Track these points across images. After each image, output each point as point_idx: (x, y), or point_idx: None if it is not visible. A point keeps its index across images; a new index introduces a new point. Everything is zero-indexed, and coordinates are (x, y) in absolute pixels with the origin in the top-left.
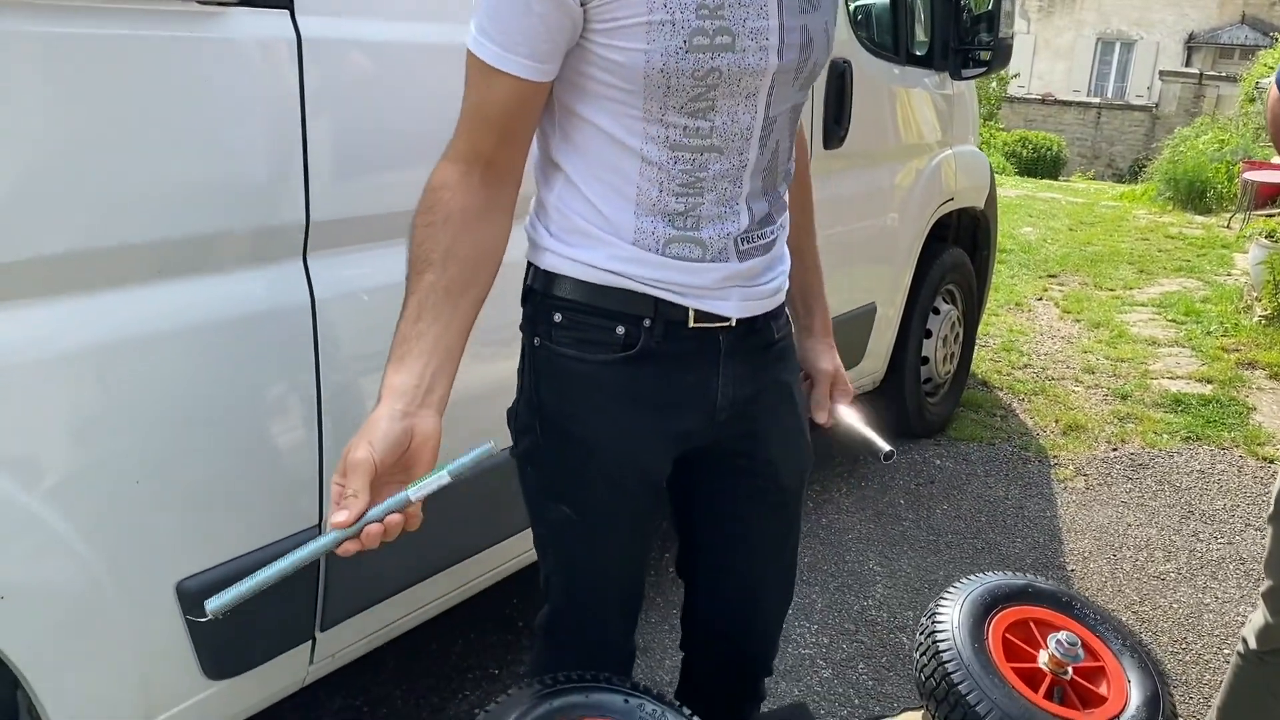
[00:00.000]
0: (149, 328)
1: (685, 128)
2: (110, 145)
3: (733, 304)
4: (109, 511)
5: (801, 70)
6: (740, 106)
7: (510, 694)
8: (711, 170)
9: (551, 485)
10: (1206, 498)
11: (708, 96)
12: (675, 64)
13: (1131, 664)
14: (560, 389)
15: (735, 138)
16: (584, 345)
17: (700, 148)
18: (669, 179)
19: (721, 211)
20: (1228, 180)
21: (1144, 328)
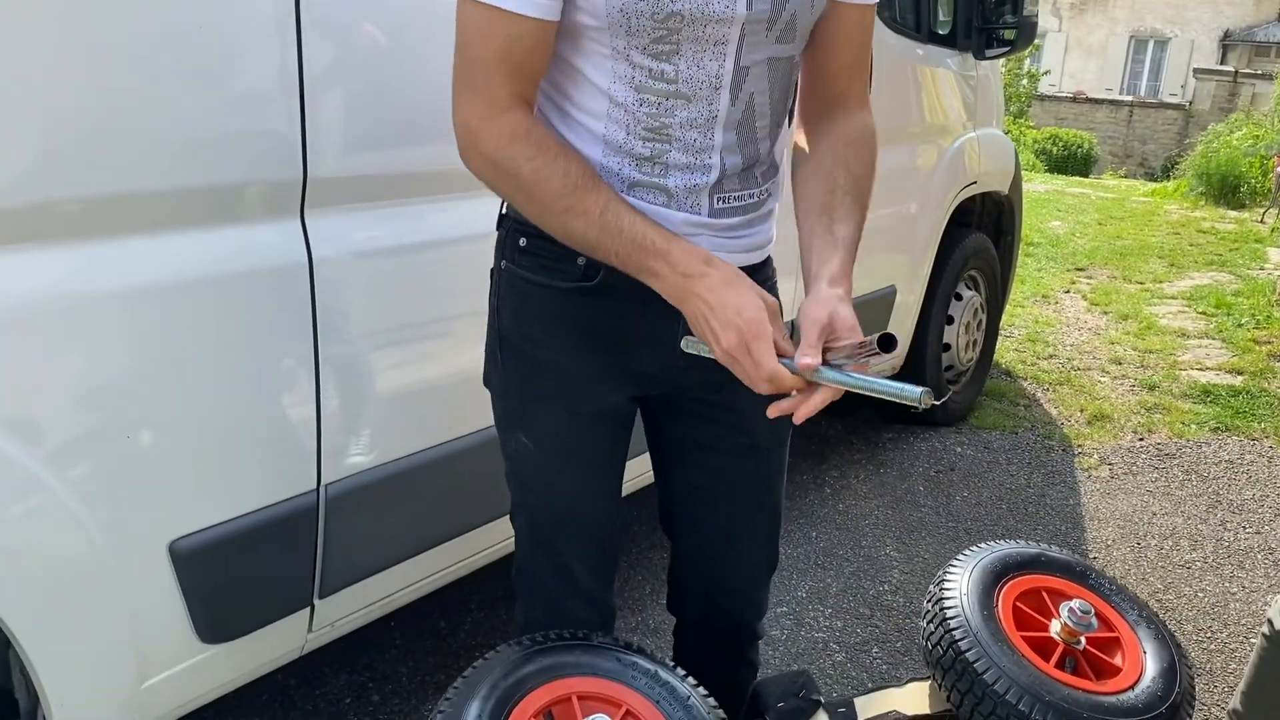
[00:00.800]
0: (142, 281)
1: (650, 70)
2: (104, 97)
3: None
4: (101, 470)
5: (775, 22)
6: (706, 54)
7: (499, 650)
8: (678, 117)
9: (511, 413)
10: (1235, 488)
11: (670, 40)
12: (634, 4)
13: (1147, 635)
14: (519, 312)
15: (702, 85)
16: (546, 271)
17: (665, 93)
18: (635, 122)
19: (690, 162)
20: (1261, 175)
21: (1173, 320)
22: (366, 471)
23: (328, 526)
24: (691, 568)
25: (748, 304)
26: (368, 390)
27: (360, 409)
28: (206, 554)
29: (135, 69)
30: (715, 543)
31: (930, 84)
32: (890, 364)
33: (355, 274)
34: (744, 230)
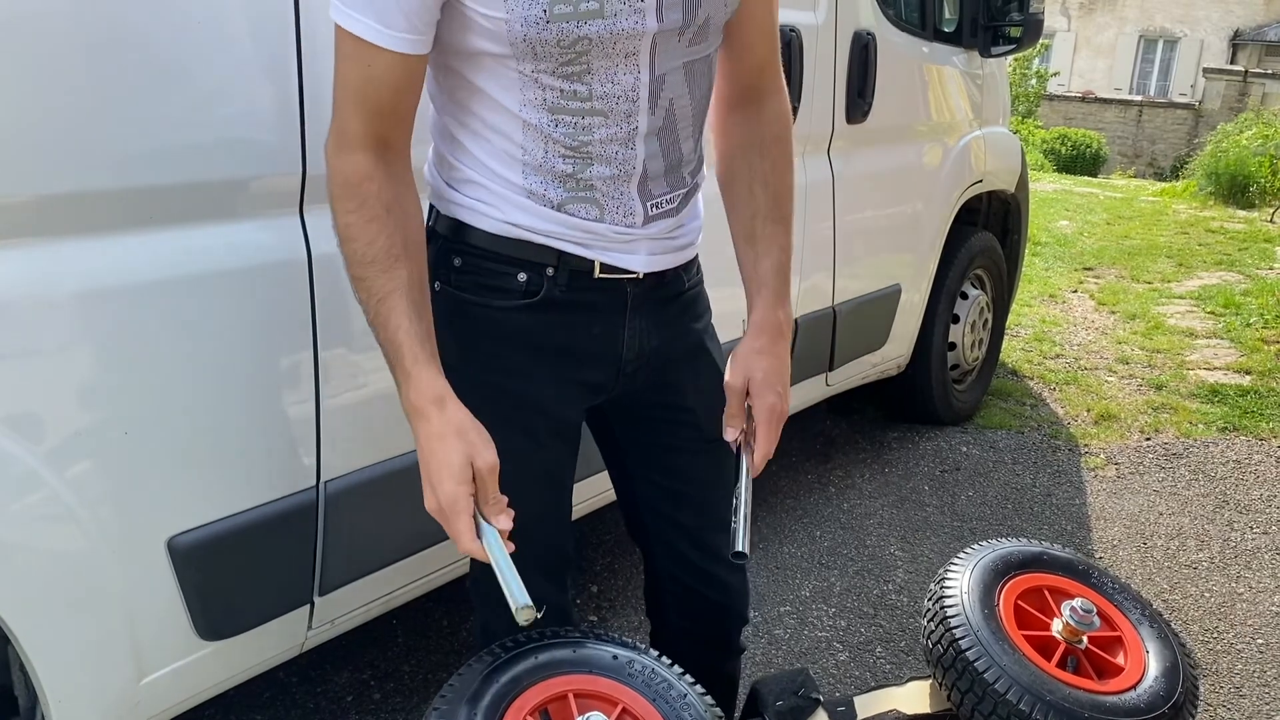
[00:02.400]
0: (141, 276)
1: (562, 90)
2: (105, 92)
3: (640, 258)
4: (100, 466)
5: (687, 28)
6: (619, 68)
7: (493, 649)
8: (597, 135)
9: None
10: (1242, 488)
11: (580, 61)
12: (537, 34)
13: (1150, 634)
14: (462, 335)
15: (619, 100)
16: (485, 291)
17: (581, 111)
18: (552, 143)
19: (615, 174)
20: (1271, 175)
21: (1181, 319)
22: (366, 468)
23: (327, 523)
24: (671, 570)
25: (449, 475)
26: (367, 386)
27: (360, 405)
28: (205, 550)
29: (135, 65)
30: (691, 540)
31: (936, 82)
32: (895, 363)
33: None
34: (676, 232)
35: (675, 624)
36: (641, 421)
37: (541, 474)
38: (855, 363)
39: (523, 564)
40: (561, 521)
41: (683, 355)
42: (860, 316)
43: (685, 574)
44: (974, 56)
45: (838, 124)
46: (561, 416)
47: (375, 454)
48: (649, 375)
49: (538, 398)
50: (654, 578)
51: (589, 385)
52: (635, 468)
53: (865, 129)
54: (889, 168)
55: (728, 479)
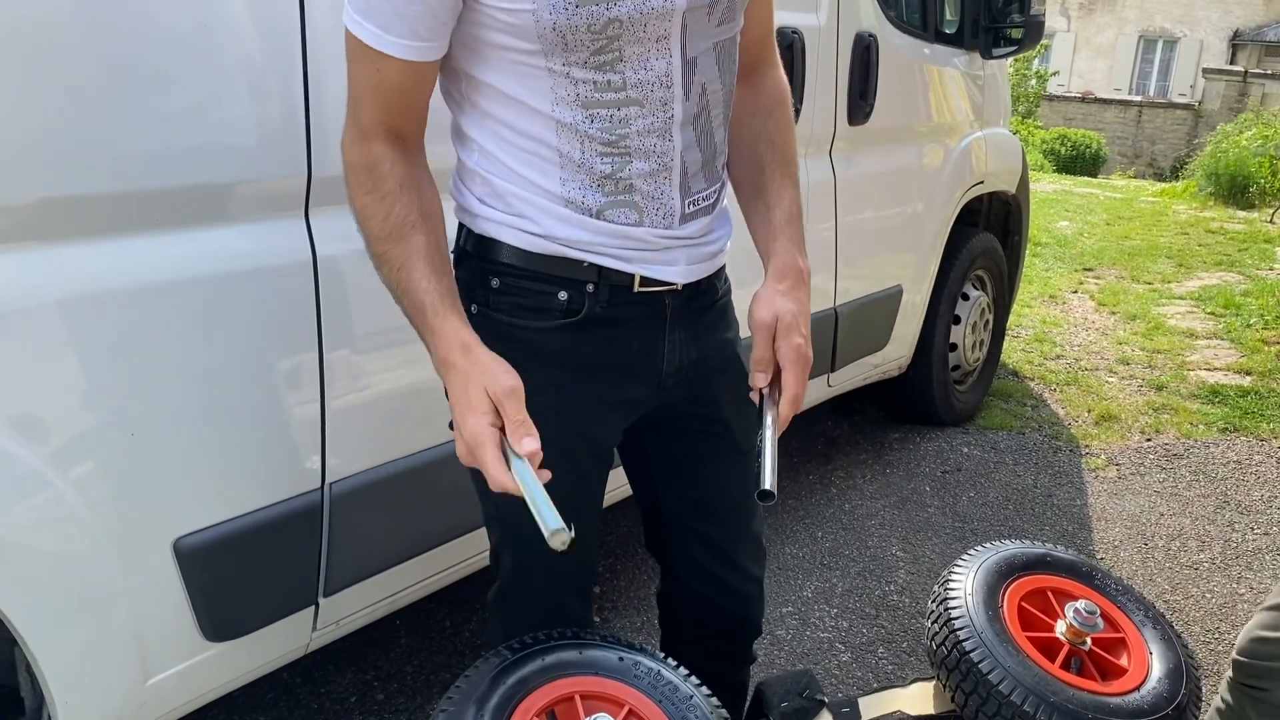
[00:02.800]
0: (147, 279)
1: (595, 82)
2: (110, 95)
3: (679, 268)
4: (105, 468)
5: (716, 5)
6: (651, 53)
7: (500, 650)
8: (634, 126)
9: None
10: (1243, 488)
11: (612, 48)
12: (567, 20)
13: (1153, 635)
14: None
15: (654, 87)
16: (524, 312)
17: (616, 102)
18: (589, 141)
19: (654, 169)
20: (1271, 175)
21: (1182, 320)
22: (371, 470)
23: (332, 525)
24: (690, 581)
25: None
26: (372, 388)
27: (365, 407)
28: (211, 552)
29: (140, 69)
30: (713, 551)
31: (937, 83)
32: (896, 364)
33: (359, 272)
34: (708, 236)
35: (690, 634)
36: (675, 434)
37: (577, 498)
38: (857, 364)
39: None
40: (593, 541)
41: (718, 366)
42: (862, 318)
43: (704, 585)
44: (975, 58)
45: (839, 125)
46: (600, 438)
47: (380, 455)
48: (686, 388)
49: (578, 419)
50: (671, 589)
51: (629, 403)
52: (663, 480)
53: (867, 130)
54: (890, 169)
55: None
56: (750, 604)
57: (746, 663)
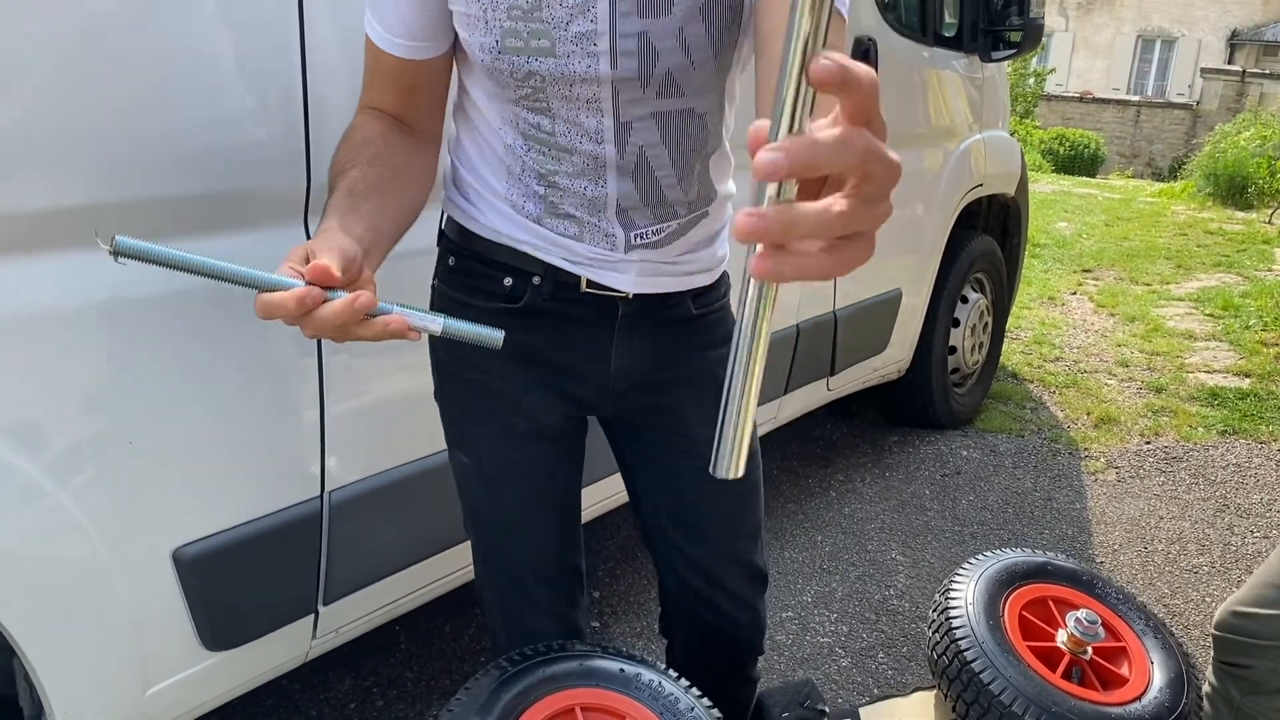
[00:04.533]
0: (145, 289)
1: (529, 120)
2: (107, 104)
3: (630, 278)
4: (104, 477)
5: (649, 80)
6: (580, 112)
7: (500, 662)
8: (564, 167)
9: (450, 432)
10: (1242, 491)
11: (539, 97)
12: (492, 61)
13: (1155, 644)
14: None
15: (583, 139)
16: (472, 291)
17: (548, 143)
18: (527, 167)
19: (587, 203)
20: (1269, 176)
21: (1180, 322)
22: (370, 478)
23: (331, 533)
24: (679, 594)
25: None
26: (371, 396)
27: (364, 415)
28: (210, 561)
29: (138, 79)
30: (696, 568)
31: (936, 86)
32: (895, 367)
33: None
34: (680, 257)
35: (685, 646)
36: (648, 445)
37: (523, 474)
38: (856, 367)
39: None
40: (558, 528)
41: (684, 379)
42: (861, 321)
43: (692, 602)
44: (974, 60)
45: None
46: (541, 419)
47: (379, 463)
48: (643, 397)
49: (516, 397)
50: (665, 597)
51: (574, 398)
52: (644, 490)
53: None
54: None
55: (737, 510)
56: (740, 628)
57: (746, 682)
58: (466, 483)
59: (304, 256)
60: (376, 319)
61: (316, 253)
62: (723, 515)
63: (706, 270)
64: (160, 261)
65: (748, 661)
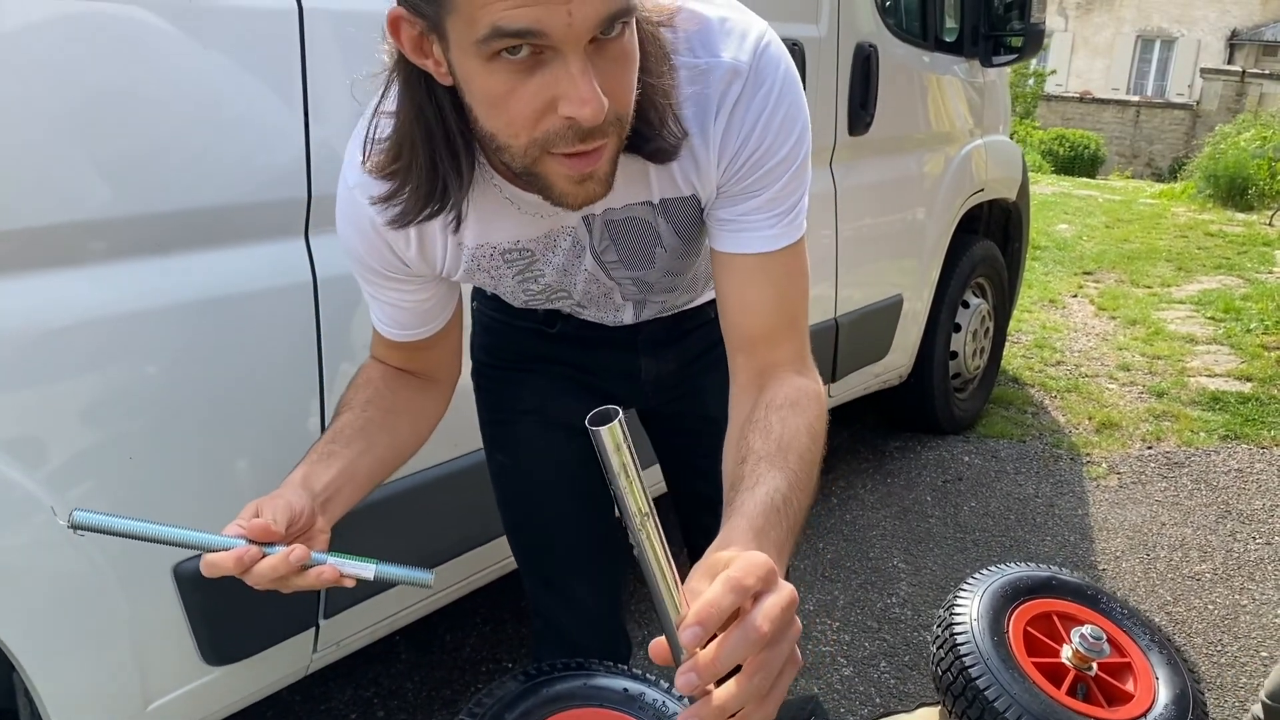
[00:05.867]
0: (148, 303)
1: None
2: (110, 118)
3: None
4: (104, 492)
5: (654, 289)
6: (601, 303)
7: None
8: (566, 302)
9: (490, 434)
10: (1244, 497)
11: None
12: (510, 296)
13: (1160, 660)
14: (489, 345)
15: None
16: (509, 313)
17: (545, 294)
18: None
19: (601, 314)
20: (1269, 177)
21: (1181, 325)
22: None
23: (332, 546)
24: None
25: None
26: None
27: None
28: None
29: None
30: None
31: (937, 92)
32: (896, 373)
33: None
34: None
35: None
36: (676, 431)
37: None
38: (857, 373)
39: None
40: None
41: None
42: (862, 327)
43: None
44: (975, 66)
45: (840, 136)
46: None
47: None
48: (671, 390)
49: (554, 391)
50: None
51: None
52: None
53: (867, 140)
54: (890, 178)
55: None
56: None
57: None
58: (506, 485)
59: (253, 513)
60: (310, 570)
61: (263, 510)
62: None
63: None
64: (116, 533)
65: None
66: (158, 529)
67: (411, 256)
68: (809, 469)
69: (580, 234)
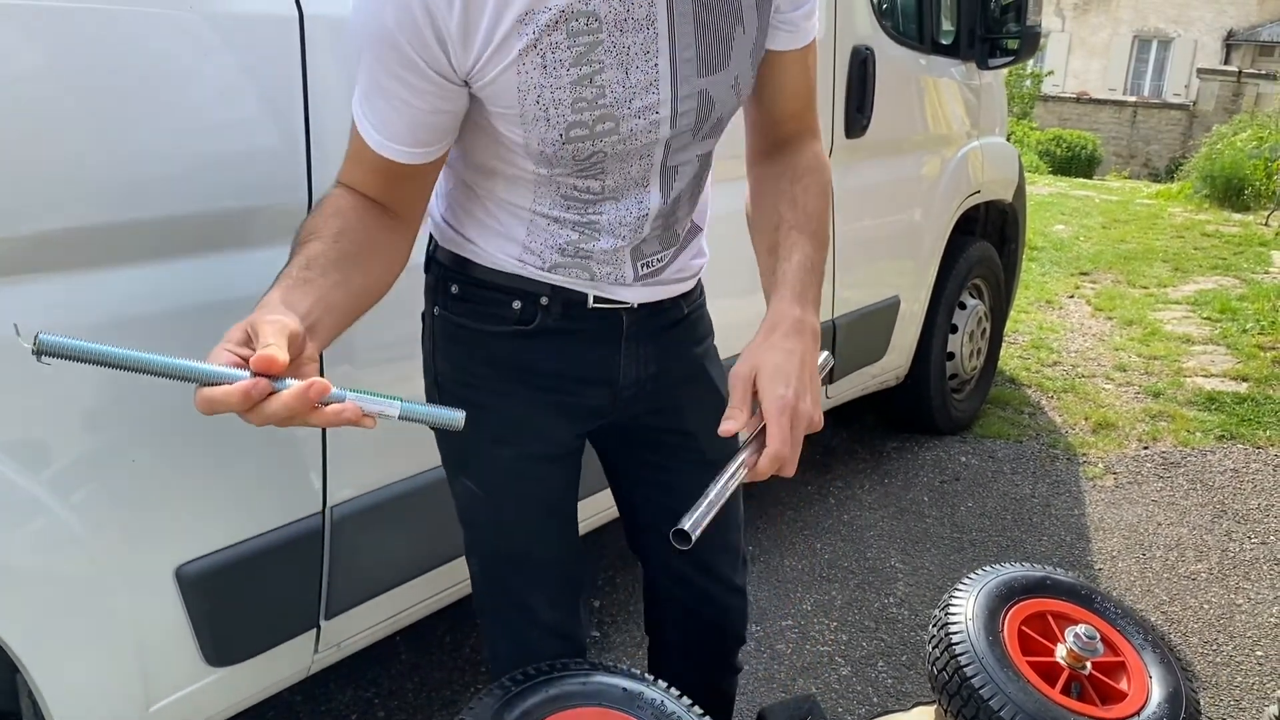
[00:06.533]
0: (148, 308)
1: (576, 185)
2: (108, 123)
3: (634, 290)
4: (107, 494)
5: (700, 129)
6: (633, 166)
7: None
8: (606, 216)
9: (455, 458)
10: (1240, 497)
11: (594, 168)
12: (554, 151)
13: (1153, 659)
14: (456, 358)
15: (632, 186)
16: (480, 317)
17: (594, 199)
18: (562, 222)
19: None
20: (1266, 177)
21: (1178, 325)
22: (372, 493)
23: (333, 548)
24: (670, 589)
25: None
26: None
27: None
28: (213, 578)
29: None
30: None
31: (934, 94)
32: (894, 374)
33: None
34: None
35: (673, 641)
36: (644, 444)
37: (536, 495)
38: (855, 374)
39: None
40: (564, 546)
41: (682, 378)
42: (860, 329)
43: (683, 593)
44: (971, 68)
45: (836, 139)
46: (555, 439)
47: (381, 478)
48: (648, 400)
49: (530, 419)
50: (653, 595)
51: (585, 409)
52: (636, 487)
53: (864, 143)
54: (887, 180)
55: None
56: (731, 614)
57: (731, 672)
58: (472, 508)
59: (244, 336)
60: (329, 407)
61: (259, 330)
62: None
63: (693, 277)
64: (88, 359)
65: (733, 649)
66: (139, 356)
67: (453, 29)
68: (825, 225)
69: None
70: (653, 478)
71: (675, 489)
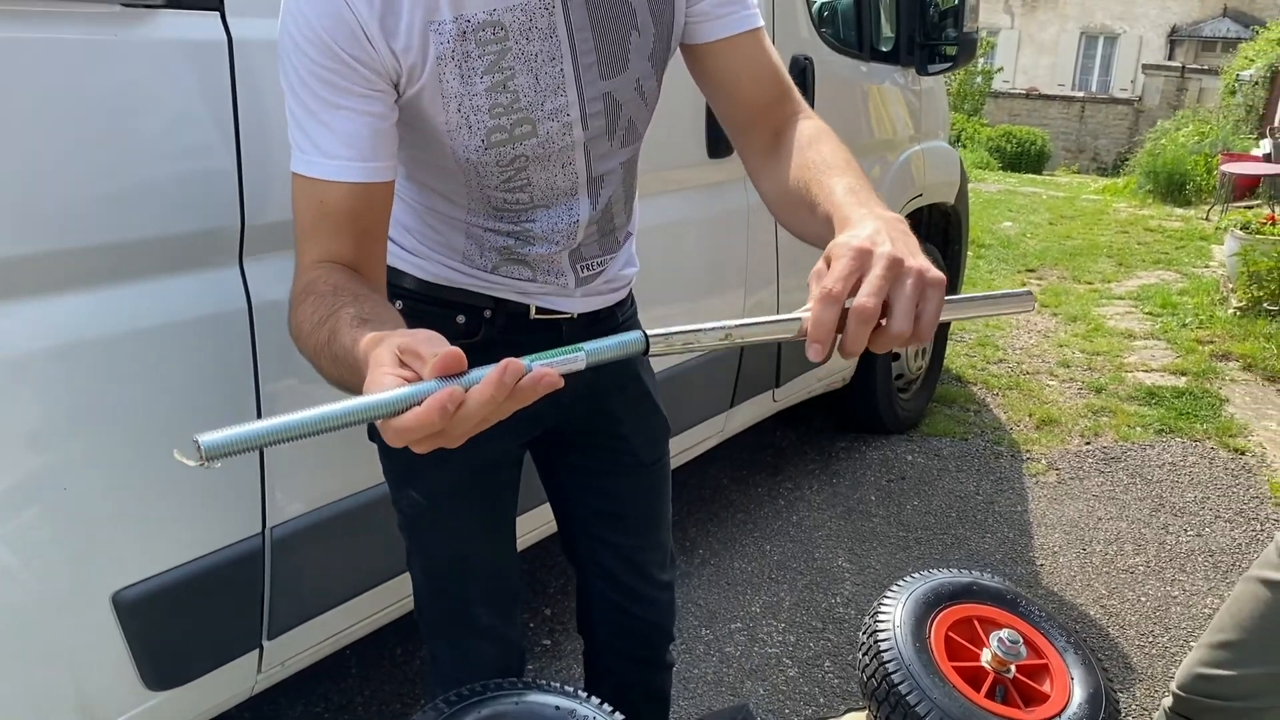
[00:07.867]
0: (80, 334)
1: (506, 199)
2: (36, 151)
3: (575, 300)
4: (41, 521)
5: (614, 132)
6: (557, 175)
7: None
8: (539, 224)
9: (401, 470)
10: (1177, 490)
11: (519, 178)
12: (478, 157)
13: (1075, 660)
14: None
15: (561, 195)
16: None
17: (524, 209)
18: (495, 231)
19: (552, 251)
20: (1207, 173)
21: (1121, 320)
22: (312, 512)
23: (274, 569)
24: (601, 589)
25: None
26: None
27: (304, 450)
28: (151, 603)
29: (70, 127)
30: (623, 559)
31: (875, 100)
32: (840, 376)
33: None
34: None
35: (605, 640)
36: (579, 449)
37: (479, 505)
38: (801, 378)
39: (466, 597)
40: (504, 555)
41: (616, 385)
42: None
43: (615, 592)
44: (912, 74)
45: None
46: (499, 448)
47: (321, 497)
48: (585, 406)
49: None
50: (585, 596)
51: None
52: (571, 491)
53: None
54: None
55: (658, 499)
56: (660, 609)
57: (663, 668)
58: (417, 520)
59: (395, 358)
60: (524, 383)
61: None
62: (647, 505)
63: (626, 286)
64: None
65: (664, 645)
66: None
67: (374, 31)
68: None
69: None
70: (585, 482)
71: (608, 492)
